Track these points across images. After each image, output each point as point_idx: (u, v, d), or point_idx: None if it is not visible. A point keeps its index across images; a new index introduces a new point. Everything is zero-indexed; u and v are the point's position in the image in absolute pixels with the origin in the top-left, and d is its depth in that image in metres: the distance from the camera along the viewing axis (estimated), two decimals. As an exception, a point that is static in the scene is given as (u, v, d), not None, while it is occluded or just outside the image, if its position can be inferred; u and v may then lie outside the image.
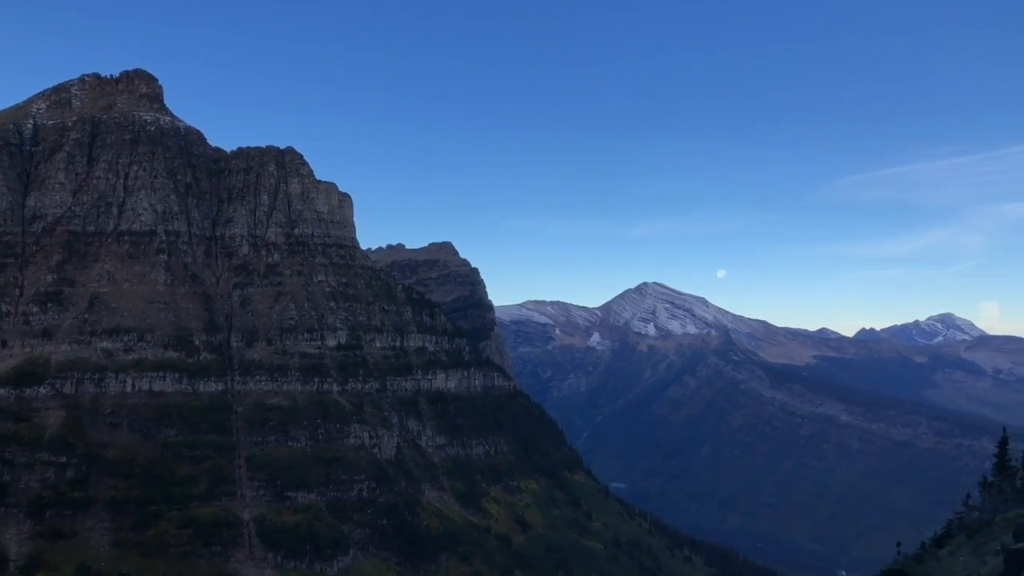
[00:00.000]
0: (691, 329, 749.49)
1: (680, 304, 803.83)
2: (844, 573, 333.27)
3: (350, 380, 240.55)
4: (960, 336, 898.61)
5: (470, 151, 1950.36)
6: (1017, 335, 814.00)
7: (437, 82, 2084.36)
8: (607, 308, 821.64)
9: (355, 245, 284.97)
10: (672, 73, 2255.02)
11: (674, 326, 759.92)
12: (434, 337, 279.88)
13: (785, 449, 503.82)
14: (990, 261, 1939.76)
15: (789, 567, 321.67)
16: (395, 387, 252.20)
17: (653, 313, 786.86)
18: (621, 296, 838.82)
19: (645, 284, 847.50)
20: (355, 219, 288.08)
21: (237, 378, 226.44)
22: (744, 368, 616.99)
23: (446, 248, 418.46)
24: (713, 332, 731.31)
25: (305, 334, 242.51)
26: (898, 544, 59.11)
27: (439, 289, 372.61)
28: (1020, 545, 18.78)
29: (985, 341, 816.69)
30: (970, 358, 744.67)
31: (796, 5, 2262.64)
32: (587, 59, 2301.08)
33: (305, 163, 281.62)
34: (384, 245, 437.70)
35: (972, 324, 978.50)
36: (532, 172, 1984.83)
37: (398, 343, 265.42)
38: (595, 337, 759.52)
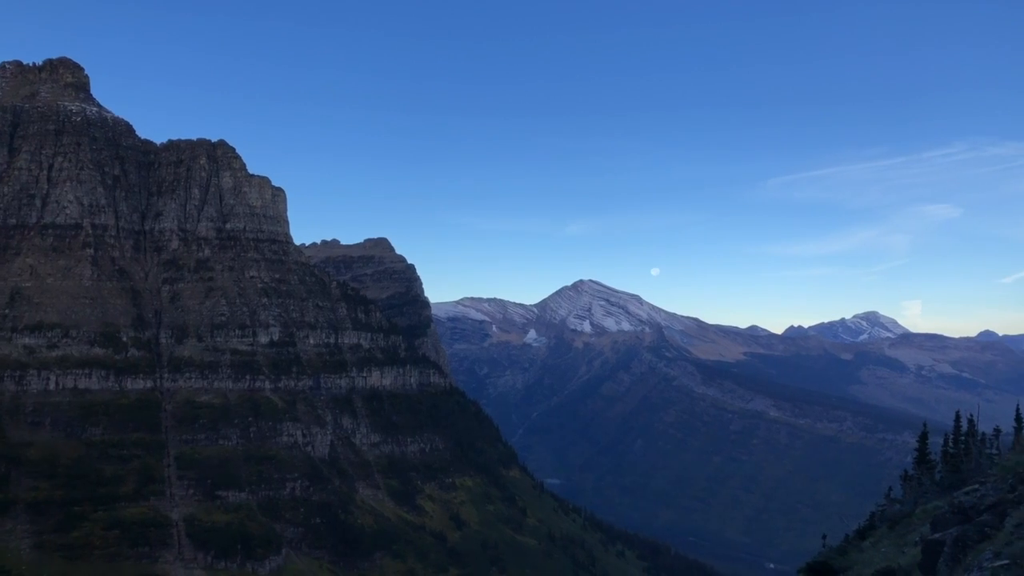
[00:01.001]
0: (626, 326, 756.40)
1: (615, 302, 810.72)
2: (772, 565, 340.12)
3: (283, 377, 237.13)
4: (884, 334, 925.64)
5: (407, 145, 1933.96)
6: (938, 333, 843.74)
7: (372, 74, 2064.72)
8: (544, 305, 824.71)
9: (288, 240, 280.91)
10: (609, 71, 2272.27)
11: (609, 323, 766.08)
12: (369, 334, 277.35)
13: (716, 444, 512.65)
14: (914, 261, 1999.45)
15: (719, 560, 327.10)
16: (329, 385, 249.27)
17: (589, 310, 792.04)
18: (558, 293, 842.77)
19: (581, 281, 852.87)
20: (289, 214, 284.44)
21: (166, 375, 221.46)
22: (677, 365, 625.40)
23: (382, 244, 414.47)
24: (647, 329, 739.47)
25: (237, 330, 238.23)
26: (824, 536, 60.30)
27: (375, 286, 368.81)
28: (936, 536, 19.15)
29: (908, 339, 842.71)
30: (893, 355, 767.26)
31: (728, 6, 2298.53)
32: (525, 55, 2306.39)
33: (238, 156, 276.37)
34: (318, 240, 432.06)
35: (896, 322, 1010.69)
36: (470, 168, 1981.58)
37: (332, 340, 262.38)
38: (532, 334, 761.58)
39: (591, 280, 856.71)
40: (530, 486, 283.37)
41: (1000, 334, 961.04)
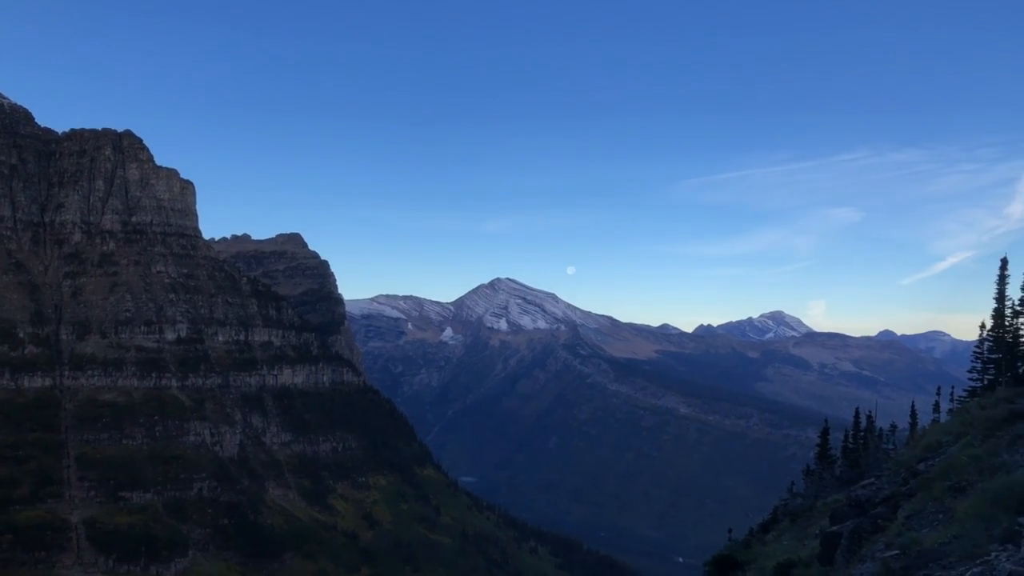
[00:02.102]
0: (542, 324, 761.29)
1: (532, 300, 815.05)
2: (681, 559, 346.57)
3: (190, 375, 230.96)
4: (789, 333, 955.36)
5: (322, 139, 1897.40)
6: (840, 332, 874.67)
7: (287, 65, 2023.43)
8: (460, 303, 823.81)
9: (198, 235, 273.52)
10: (527, 67, 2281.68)
11: (525, 321, 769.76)
12: (281, 331, 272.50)
13: (628, 440, 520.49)
14: (818, 262, 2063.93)
15: (631, 555, 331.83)
16: (239, 383, 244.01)
17: (505, 308, 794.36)
18: (474, 291, 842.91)
19: (498, 279, 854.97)
20: (198, 208, 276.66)
21: (67, 373, 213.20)
22: (591, 362, 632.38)
23: (294, 239, 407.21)
24: (563, 327, 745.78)
25: (142, 327, 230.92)
26: (729, 530, 61.76)
27: (287, 282, 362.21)
28: (834, 528, 19.61)
29: (812, 337, 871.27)
30: (798, 353, 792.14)
31: (642, 14, 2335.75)
32: (441, 48, 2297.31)
33: (145, 148, 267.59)
34: (229, 235, 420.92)
35: (800, 321, 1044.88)
36: (385, 163, 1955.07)
37: (242, 337, 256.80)
38: (448, 332, 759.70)
39: (508, 278, 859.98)
40: (444, 484, 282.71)
41: (898, 333, 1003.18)
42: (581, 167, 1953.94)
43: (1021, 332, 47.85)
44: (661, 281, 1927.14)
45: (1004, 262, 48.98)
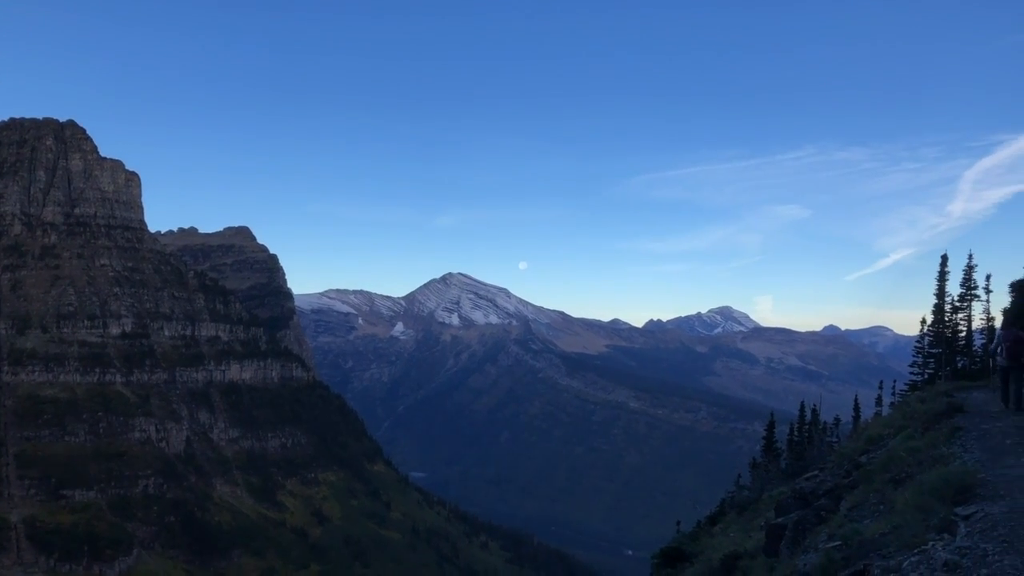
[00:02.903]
0: (493, 319, 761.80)
1: (484, 295, 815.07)
2: (630, 552, 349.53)
3: (135, 371, 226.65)
4: (737, 327, 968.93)
5: (270, 131, 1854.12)
6: (787, 327, 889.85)
7: (232, 53, 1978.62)
8: (412, 298, 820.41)
9: (143, 227, 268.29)
10: (479, 63, 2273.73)
11: (477, 316, 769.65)
12: (228, 326, 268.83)
13: (579, 435, 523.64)
14: (766, 258, 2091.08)
15: (581, 548, 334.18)
16: (185, 378, 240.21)
17: (457, 303, 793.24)
18: (426, 286, 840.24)
19: (450, 274, 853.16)
20: (143, 200, 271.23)
21: (6, 368, 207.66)
22: (542, 357, 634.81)
23: (243, 233, 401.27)
24: (514, 322, 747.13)
25: (85, 321, 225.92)
26: (678, 523, 62.48)
27: (235, 276, 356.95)
28: (779, 520, 19.91)
29: (759, 332, 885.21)
30: (745, 348, 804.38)
31: (595, 5, 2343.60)
32: (393, 43, 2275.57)
33: (88, 138, 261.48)
34: (175, 228, 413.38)
35: (748, 316, 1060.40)
36: (336, 156, 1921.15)
37: (189, 332, 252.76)
38: (399, 327, 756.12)
39: (460, 273, 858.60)
40: (395, 480, 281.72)
41: (843, 328, 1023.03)
42: (533, 162, 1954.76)
43: (960, 327, 49.20)
44: (612, 276, 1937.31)
45: (944, 259, 50.34)
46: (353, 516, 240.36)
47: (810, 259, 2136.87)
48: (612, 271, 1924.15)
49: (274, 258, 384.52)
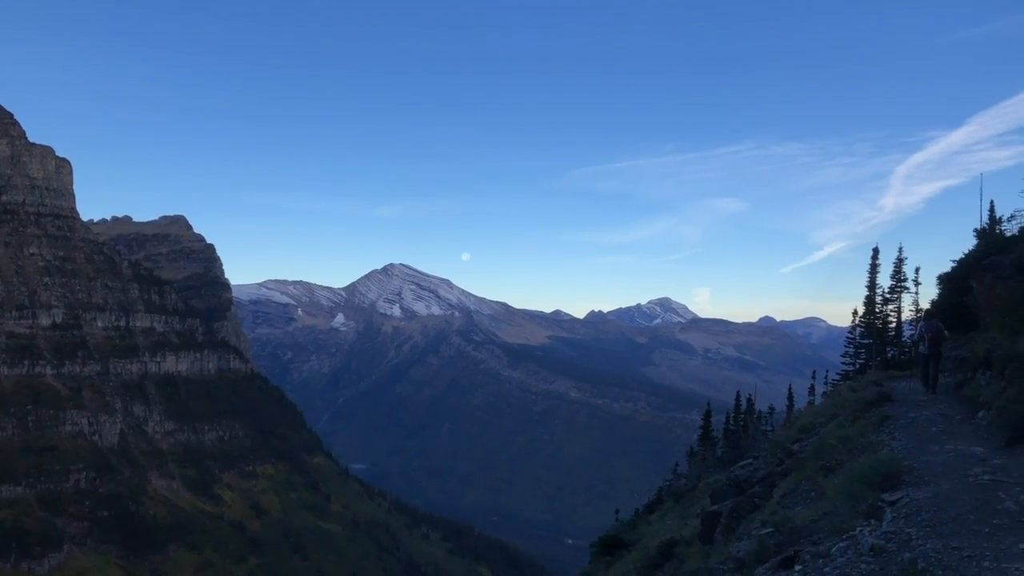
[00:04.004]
0: (436, 310, 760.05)
1: (426, 286, 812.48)
2: (570, 541, 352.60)
3: (67, 363, 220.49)
4: (676, 319, 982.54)
5: (207, 120, 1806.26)
6: (724, 318, 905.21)
7: (169, 35, 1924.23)
8: (352, 289, 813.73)
9: (75, 216, 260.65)
10: (421, 51, 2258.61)
11: (419, 307, 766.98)
12: (164, 317, 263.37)
13: (520, 425, 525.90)
14: (704, 251, 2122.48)
15: (522, 538, 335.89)
16: (119, 370, 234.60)
17: (399, 294, 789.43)
18: (367, 277, 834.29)
19: (392, 265, 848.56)
20: (75, 187, 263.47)
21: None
22: (485, 348, 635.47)
23: (179, 222, 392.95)
24: (457, 313, 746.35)
25: (14, 312, 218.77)
26: (616, 511, 63.21)
27: (170, 266, 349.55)
28: (714, 508, 20.27)
29: (697, 323, 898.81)
30: (684, 339, 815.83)
31: (537, 7, 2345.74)
32: (335, 27, 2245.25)
33: (16, 123, 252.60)
34: (109, 217, 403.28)
35: (686, 308, 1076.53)
36: (274, 144, 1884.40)
37: (123, 323, 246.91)
38: (339, 318, 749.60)
39: (402, 264, 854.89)
40: (335, 472, 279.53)
41: (778, 320, 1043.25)
42: (477, 154, 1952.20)
43: (890, 319, 50.55)
44: (555, 268, 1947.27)
45: (875, 252, 51.66)
46: (292, 509, 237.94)
47: (747, 251, 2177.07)
48: (555, 263, 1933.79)
49: (211, 248, 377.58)
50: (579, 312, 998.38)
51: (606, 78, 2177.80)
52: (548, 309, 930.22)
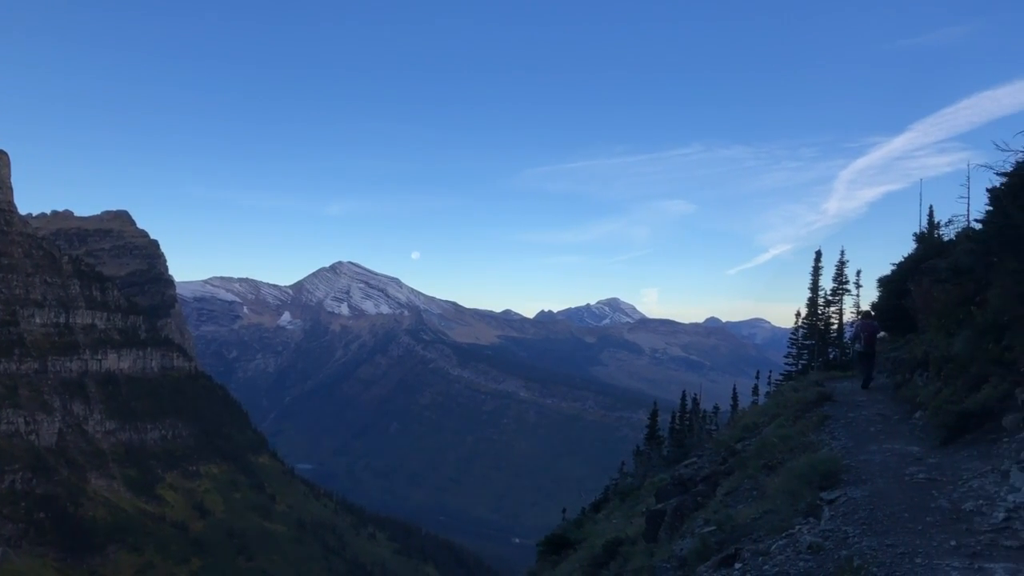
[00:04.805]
0: (385, 309, 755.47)
1: (375, 284, 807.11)
2: (518, 540, 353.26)
3: (3, 360, 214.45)
4: (624, 319, 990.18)
5: (151, 113, 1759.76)
6: (671, 319, 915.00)
7: (110, 27, 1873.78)
8: (300, 287, 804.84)
9: (12, 209, 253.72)
10: (370, 49, 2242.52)
11: (368, 306, 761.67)
12: (106, 314, 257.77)
13: (469, 425, 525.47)
14: (652, 252, 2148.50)
15: (469, 537, 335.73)
16: (58, 368, 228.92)
17: (347, 293, 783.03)
18: (315, 275, 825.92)
19: (340, 263, 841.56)
20: (12, 180, 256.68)
21: None
22: (434, 347, 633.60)
23: (122, 217, 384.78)
24: (406, 312, 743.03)
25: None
26: (563, 510, 63.54)
27: (113, 262, 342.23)
28: (659, 506, 20.44)
29: (645, 323, 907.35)
30: (632, 339, 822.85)
31: (490, 10, 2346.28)
32: (284, 22, 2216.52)
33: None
34: (48, 211, 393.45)
35: (635, 308, 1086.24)
36: (220, 139, 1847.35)
37: (62, 320, 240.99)
38: (286, 316, 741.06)
39: (350, 262, 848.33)
40: (280, 472, 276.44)
41: (724, 320, 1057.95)
42: (428, 152, 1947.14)
43: (832, 320, 51.56)
44: (505, 267, 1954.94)
45: (818, 255, 52.64)
46: (237, 509, 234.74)
47: (694, 253, 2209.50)
48: (505, 262, 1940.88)
49: (155, 244, 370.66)
50: (529, 312, 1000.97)
51: (557, 79, 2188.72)
52: (498, 309, 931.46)
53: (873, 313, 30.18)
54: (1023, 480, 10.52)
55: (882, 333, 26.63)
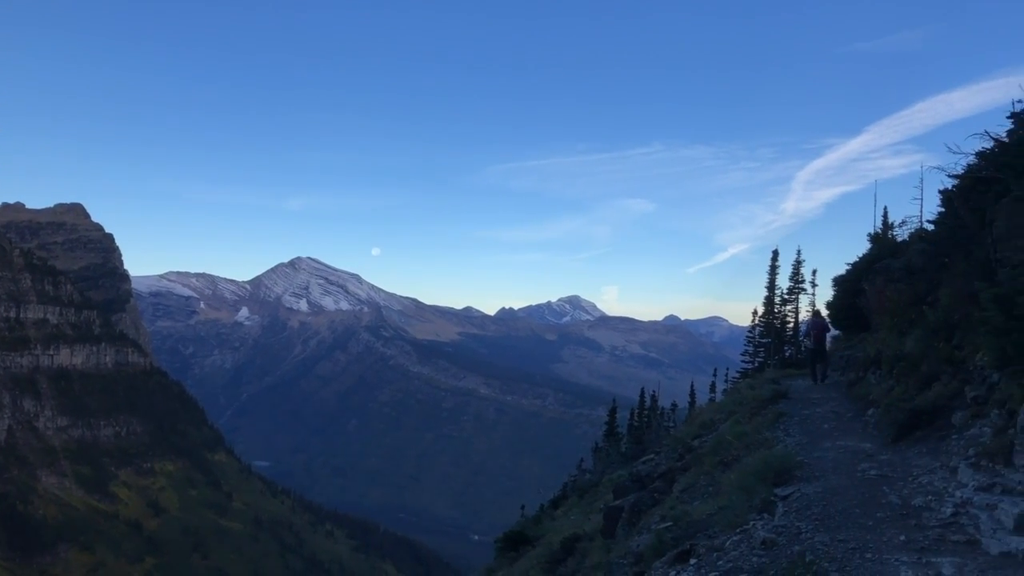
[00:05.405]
0: (344, 305, 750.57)
1: (334, 280, 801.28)
2: (477, 537, 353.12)
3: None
4: (585, 316, 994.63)
5: (107, 102, 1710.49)
6: (631, 316, 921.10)
7: (63, 13, 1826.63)
8: (258, 282, 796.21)
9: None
10: (330, 41, 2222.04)
11: (327, 302, 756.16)
12: (58, 308, 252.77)
13: (429, 422, 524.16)
14: (613, 250, 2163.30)
15: (428, 534, 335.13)
16: (9, 363, 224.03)
17: (306, 289, 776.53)
18: (273, 270, 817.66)
19: (299, 259, 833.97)
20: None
21: None
22: (394, 344, 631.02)
23: (76, 210, 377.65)
24: (366, 309, 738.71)
25: None
26: (522, 507, 63.63)
27: (66, 255, 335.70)
28: (617, 503, 20.52)
29: (605, 321, 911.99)
30: (592, 336, 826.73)
31: (455, 6, 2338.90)
32: (244, 22, 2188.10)
33: None
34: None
35: (595, 305, 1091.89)
36: (177, 132, 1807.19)
37: (13, 314, 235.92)
38: (244, 312, 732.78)
39: (309, 257, 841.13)
40: (237, 469, 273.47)
41: (682, 318, 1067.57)
42: (388, 147, 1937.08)
43: (788, 318, 52.23)
44: (466, 264, 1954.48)
45: (775, 254, 53.31)
46: (192, 507, 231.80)
47: (654, 251, 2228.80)
48: (466, 259, 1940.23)
49: (110, 237, 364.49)
50: (490, 309, 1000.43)
51: (520, 76, 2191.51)
52: (459, 305, 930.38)
53: (823, 312, 30.77)
54: (971, 476, 10.73)
55: (832, 331, 27.24)
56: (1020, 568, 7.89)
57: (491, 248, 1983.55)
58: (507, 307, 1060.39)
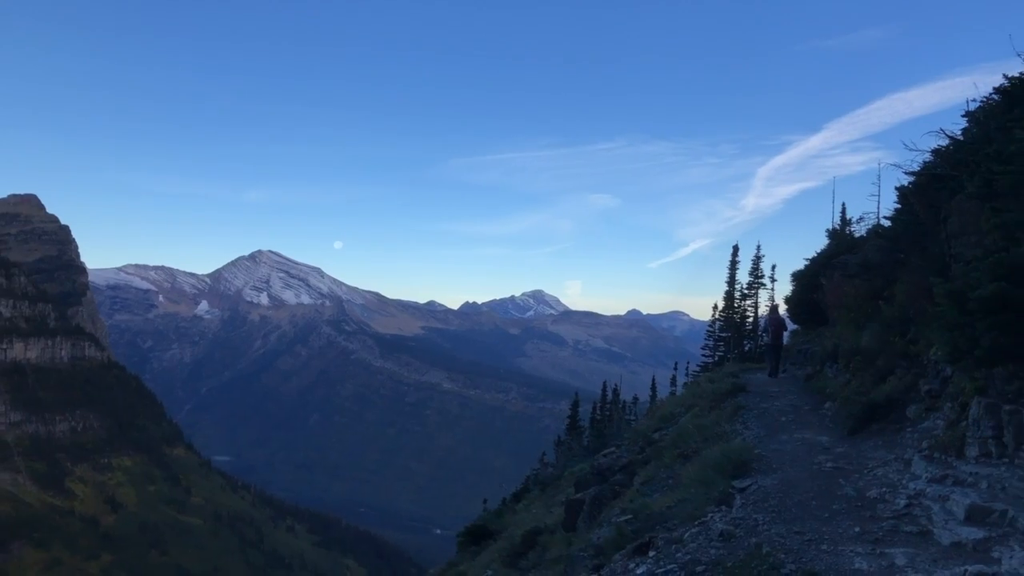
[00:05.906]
0: (306, 299, 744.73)
1: (296, 274, 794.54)
2: (439, 531, 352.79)
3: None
4: (548, 310, 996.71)
5: (62, 91, 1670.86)
6: (593, 311, 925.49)
7: (27, 16, 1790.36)
8: (218, 275, 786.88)
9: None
10: (293, 31, 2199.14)
11: (288, 296, 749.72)
12: (12, 301, 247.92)
13: (391, 416, 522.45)
14: (576, 244, 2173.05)
15: (390, 529, 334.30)
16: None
17: (267, 282, 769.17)
18: (234, 263, 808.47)
19: (260, 252, 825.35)
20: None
21: None
22: (356, 338, 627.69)
23: (30, 201, 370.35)
24: (328, 303, 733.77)
25: None
26: (484, 501, 63.74)
27: (20, 247, 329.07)
28: (578, 496, 20.61)
29: (568, 315, 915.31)
30: (555, 330, 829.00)
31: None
32: (205, 12, 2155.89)
33: None
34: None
35: (558, 300, 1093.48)
36: (135, 122, 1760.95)
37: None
38: (203, 305, 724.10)
39: (270, 251, 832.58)
40: (196, 464, 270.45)
41: (644, 313, 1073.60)
42: (350, 139, 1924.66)
43: (748, 313, 52.74)
44: (429, 258, 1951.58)
45: (735, 249, 53.73)
46: (150, 502, 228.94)
47: (617, 246, 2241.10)
48: (429, 253, 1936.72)
49: (65, 229, 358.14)
50: (453, 303, 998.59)
51: (483, 69, 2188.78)
52: (422, 299, 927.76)
53: (781, 307, 31.21)
54: (924, 468, 10.92)
55: (791, 326, 27.76)
56: (970, 558, 8.05)
57: (454, 242, 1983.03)
58: (471, 301, 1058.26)
